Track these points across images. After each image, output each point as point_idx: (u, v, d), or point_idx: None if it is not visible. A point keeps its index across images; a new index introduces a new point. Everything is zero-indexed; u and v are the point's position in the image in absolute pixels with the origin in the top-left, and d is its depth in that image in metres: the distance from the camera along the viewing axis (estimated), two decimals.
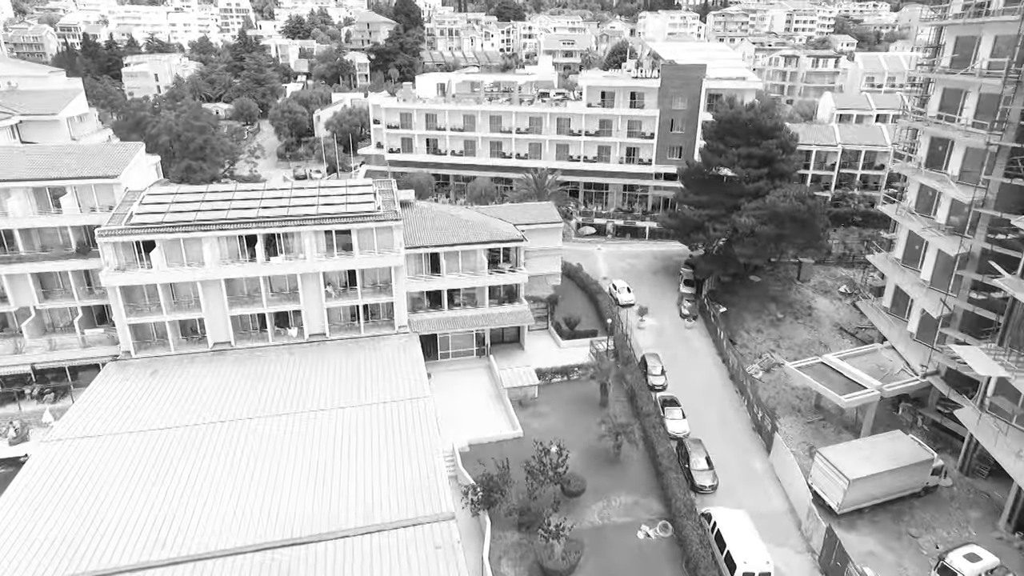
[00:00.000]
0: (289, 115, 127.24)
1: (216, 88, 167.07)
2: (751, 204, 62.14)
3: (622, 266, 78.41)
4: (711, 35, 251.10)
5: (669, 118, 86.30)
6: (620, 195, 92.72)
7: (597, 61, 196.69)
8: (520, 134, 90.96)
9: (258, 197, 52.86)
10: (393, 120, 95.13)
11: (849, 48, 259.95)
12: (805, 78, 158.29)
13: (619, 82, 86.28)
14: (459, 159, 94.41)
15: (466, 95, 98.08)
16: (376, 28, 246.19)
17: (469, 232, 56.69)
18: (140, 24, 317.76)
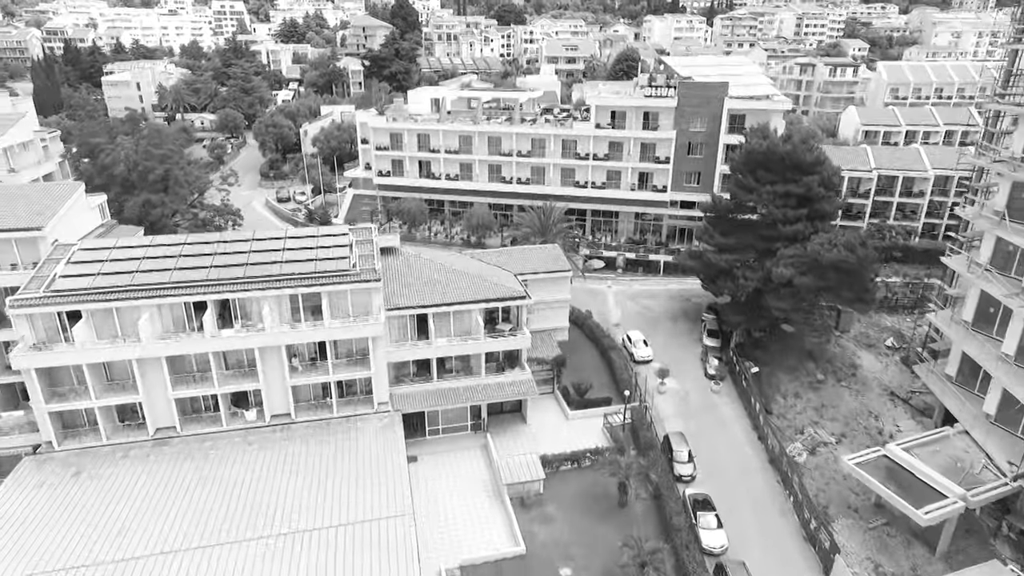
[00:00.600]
0: (274, 130, 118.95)
1: (201, 97, 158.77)
2: (788, 250, 53.78)
3: (635, 309, 70.02)
4: (718, 40, 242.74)
5: (686, 141, 77.96)
6: (631, 224, 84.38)
7: (601, 68, 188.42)
8: (521, 157, 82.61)
9: (211, 252, 44.45)
10: (382, 141, 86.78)
11: (861, 53, 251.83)
12: (822, 87, 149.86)
13: (631, 101, 77.94)
14: (454, 183, 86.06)
15: (462, 112, 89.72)
16: (372, 32, 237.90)
17: (463, 288, 48.35)
18: (130, 27, 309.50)
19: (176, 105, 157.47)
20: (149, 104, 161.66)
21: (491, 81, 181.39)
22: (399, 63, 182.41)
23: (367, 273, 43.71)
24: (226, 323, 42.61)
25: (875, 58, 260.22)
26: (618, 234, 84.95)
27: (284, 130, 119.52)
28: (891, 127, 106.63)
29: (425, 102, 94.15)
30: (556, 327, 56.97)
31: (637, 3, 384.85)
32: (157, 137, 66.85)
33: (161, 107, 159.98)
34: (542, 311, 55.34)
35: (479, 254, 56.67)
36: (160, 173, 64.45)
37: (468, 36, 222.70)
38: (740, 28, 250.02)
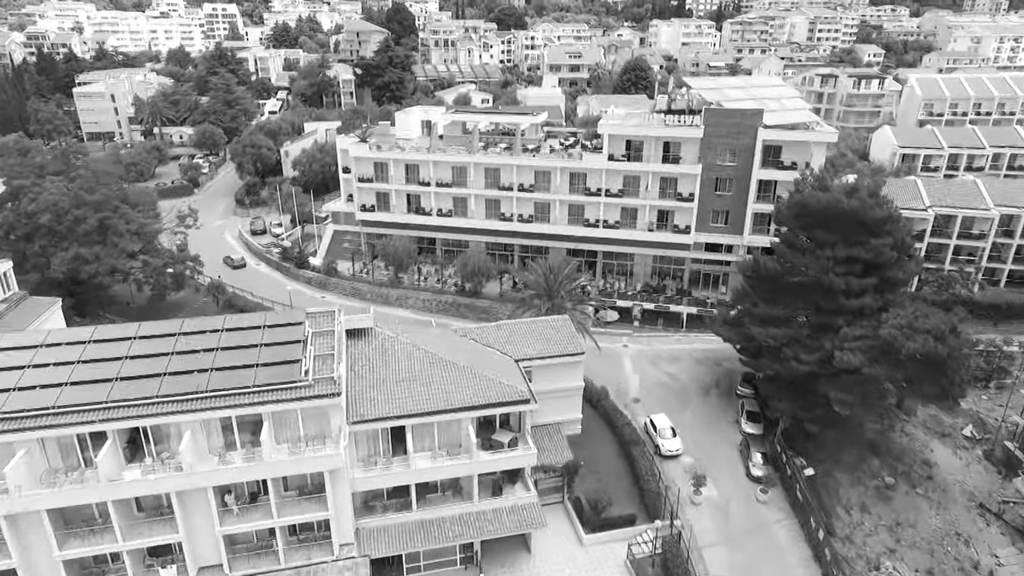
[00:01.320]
0: (252, 150, 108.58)
1: (180, 110, 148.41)
2: (854, 330, 43.51)
3: (657, 377, 59.70)
4: (728, 45, 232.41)
5: (714, 176, 67.68)
6: (648, 268, 74.11)
7: (607, 77, 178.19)
8: (523, 192, 72.32)
9: (120, 356, 34.12)
10: (365, 171, 76.47)
11: (877, 59, 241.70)
12: (845, 101, 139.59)
13: (649, 130, 67.57)
14: (447, 220, 75.77)
15: (456, 138, 79.41)
16: (367, 38, 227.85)
17: (450, 386, 38.09)
18: (118, 31, 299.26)
19: (153, 118, 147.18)
20: (125, 117, 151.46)
21: (490, 91, 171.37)
22: (393, 72, 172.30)
23: (324, 384, 33.44)
24: (137, 453, 32.35)
25: (891, 64, 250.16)
26: (633, 278, 74.68)
27: (263, 150, 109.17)
28: (932, 150, 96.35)
29: (415, 125, 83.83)
30: (566, 419, 46.69)
31: (641, 5, 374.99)
32: (92, 180, 56.51)
33: (138, 120, 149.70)
34: (552, 399, 45.05)
35: (474, 332, 46.27)
36: (94, 223, 54.18)
37: (466, 42, 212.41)
38: (750, 33, 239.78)
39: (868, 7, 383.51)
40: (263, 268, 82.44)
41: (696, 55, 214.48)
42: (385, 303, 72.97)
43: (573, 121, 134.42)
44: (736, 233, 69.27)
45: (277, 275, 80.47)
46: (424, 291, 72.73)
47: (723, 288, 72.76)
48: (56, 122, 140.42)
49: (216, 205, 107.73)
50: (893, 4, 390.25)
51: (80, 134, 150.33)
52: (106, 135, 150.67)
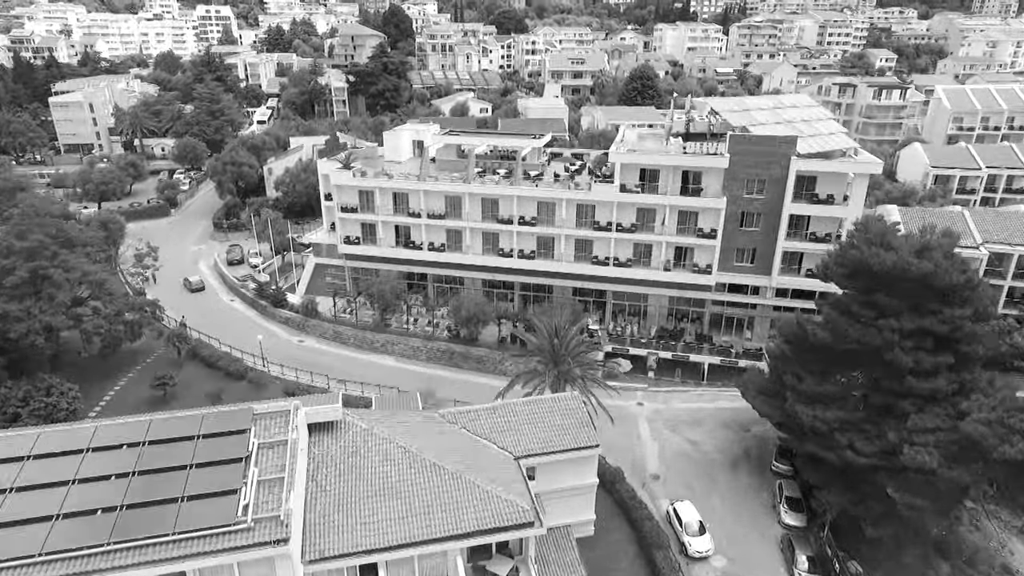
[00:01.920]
0: (232, 168, 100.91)
1: (162, 121, 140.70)
2: (926, 418, 35.92)
3: (678, 446, 52.06)
4: (735, 50, 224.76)
5: (739, 209, 60.06)
6: (664, 310, 66.45)
7: (611, 85, 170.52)
8: (524, 225, 64.65)
9: (5, 488, 26.43)
10: (349, 200, 68.84)
11: (889, 64, 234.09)
12: (865, 111, 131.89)
13: (668, 158, 59.82)
14: (439, 255, 68.13)
15: (450, 162, 71.85)
16: (361, 42, 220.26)
17: (434, 502, 30.47)
18: (108, 34, 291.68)
19: (133, 130, 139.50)
20: (105, 128, 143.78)
21: (489, 99, 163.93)
22: (387, 79, 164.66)
23: (268, 527, 25.78)
24: None
25: (903, 69, 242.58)
26: (647, 320, 67.03)
27: (244, 168, 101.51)
28: (968, 170, 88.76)
29: (405, 146, 76.27)
30: (577, 521, 38.98)
31: (644, 7, 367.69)
32: (25, 222, 48.91)
33: (118, 131, 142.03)
34: (559, 499, 37.41)
35: (467, 415, 38.47)
36: (25, 274, 46.62)
37: (464, 47, 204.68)
38: (758, 37, 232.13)
39: (875, 9, 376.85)
40: (238, 305, 74.75)
41: (703, 60, 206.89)
42: (370, 349, 65.40)
43: (577, 134, 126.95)
44: (763, 273, 61.68)
45: (252, 313, 72.81)
46: (413, 336, 65.05)
47: (748, 333, 65.20)
48: (30, 134, 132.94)
49: (193, 227, 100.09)
50: (900, 6, 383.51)
51: (57, 146, 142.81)
52: (84, 147, 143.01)
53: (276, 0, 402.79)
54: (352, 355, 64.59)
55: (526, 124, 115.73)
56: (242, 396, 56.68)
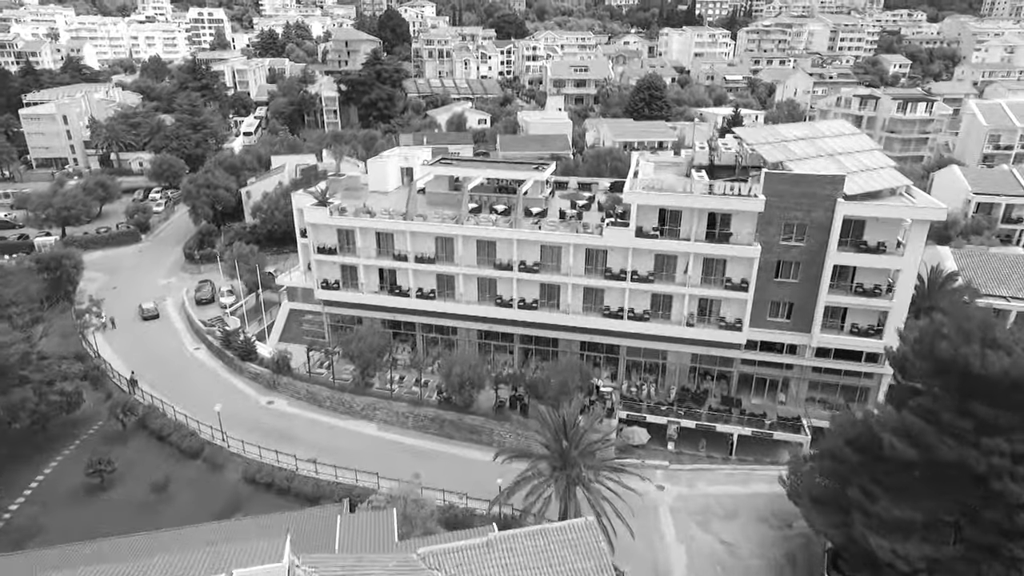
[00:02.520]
0: (208, 191, 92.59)
1: (140, 134, 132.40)
2: None
3: (710, 549, 43.75)
4: (744, 56, 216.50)
5: (774, 258, 51.78)
6: (685, 367, 58.17)
7: (616, 94, 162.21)
8: (526, 272, 56.40)
9: None
10: (327, 240, 60.58)
11: (903, 70, 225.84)
12: (888, 126, 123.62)
13: (692, 199, 51.47)
14: (429, 304, 59.86)
15: (441, 195, 63.64)
16: (356, 47, 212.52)
17: None
18: (96, 38, 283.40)
19: (109, 143, 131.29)
20: (80, 141, 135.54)
21: (488, 109, 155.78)
22: (381, 88, 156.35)
23: None
24: None
25: (917, 75, 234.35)
26: (665, 379, 58.75)
27: (220, 191, 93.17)
28: (1014, 197, 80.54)
29: (391, 176, 68.08)
30: None
31: (647, 10, 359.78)
32: None
33: (93, 145, 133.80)
34: None
35: (455, 557, 30.16)
36: None
37: (462, 53, 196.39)
38: (767, 42, 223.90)
39: (882, 11, 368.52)
40: (203, 355, 66.45)
41: (711, 67, 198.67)
42: (348, 413, 57.15)
43: (582, 150, 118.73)
44: (802, 330, 53.40)
45: (218, 365, 64.50)
46: (398, 400, 56.70)
47: (782, 396, 56.91)
48: None
49: (165, 256, 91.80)
50: (908, 8, 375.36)
51: (29, 160, 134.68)
52: (58, 161, 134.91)
53: (272, 2, 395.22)
54: (328, 421, 56.32)
55: (527, 141, 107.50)
56: (193, 480, 48.50)
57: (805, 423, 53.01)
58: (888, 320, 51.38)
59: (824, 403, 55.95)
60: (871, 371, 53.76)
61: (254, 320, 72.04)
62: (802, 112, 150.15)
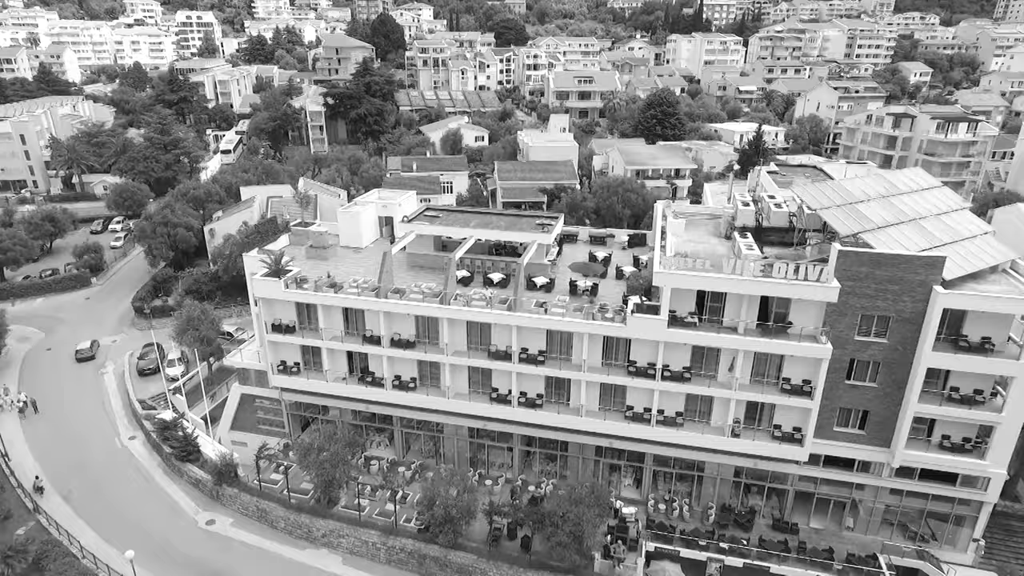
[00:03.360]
0: (166, 229, 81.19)
1: (104, 156, 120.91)
2: None
3: None
4: (757, 64, 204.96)
5: (847, 356, 40.41)
6: (728, 482, 46.70)
7: (624, 108, 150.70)
8: (528, 364, 45.02)
9: None
10: (284, 316, 49.23)
11: (923, 79, 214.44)
12: (925, 148, 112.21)
13: (742, 284, 39.94)
14: (408, 396, 48.46)
15: (425, 256, 52.27)
16: (347, 55, 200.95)
17: None
18: (78, 42, 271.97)
19: (71, 165, 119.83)
20: (40, 162, 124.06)
21: (485, 124, 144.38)
22: (371, 102, 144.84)
23: None
24: None
25: (937, 84, 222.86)
26: (702, 494, 47.32)
27: (180, 230, 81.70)
28: None
29: (366, 228, 56.71)
30: None
31: (651, 13, 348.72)
32: None
33: (54, 167, 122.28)
34: None
35: None
36: None
37: (459, 62, 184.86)
38: (781, 49, 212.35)
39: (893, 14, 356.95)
40: (137, 447, 55.04)
41: (723, 76, 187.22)
42: (307, 539, 45.75)
43: (590, 175, 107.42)
44: (880, 444, 42.08)
45: (154, 463, 53.09)
46: (369, 525, 45.24)
47: (849, 520, 45.48)
48: None
49: (115, 305, 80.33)
50: (919, 11, 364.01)
51: None
52: (16, 184, 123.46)
53: (264, 5, 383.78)
54: (280, 552, 44.88)
55: (528, 169, 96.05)
56: None
57: (883, 561, 41.65)
58: (994, 436, 40.03)
59: (906, 531, 44.65)
60: (968, 497, 42.38)
61: (208, 395, 60.52)
62: (825, 128, 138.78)
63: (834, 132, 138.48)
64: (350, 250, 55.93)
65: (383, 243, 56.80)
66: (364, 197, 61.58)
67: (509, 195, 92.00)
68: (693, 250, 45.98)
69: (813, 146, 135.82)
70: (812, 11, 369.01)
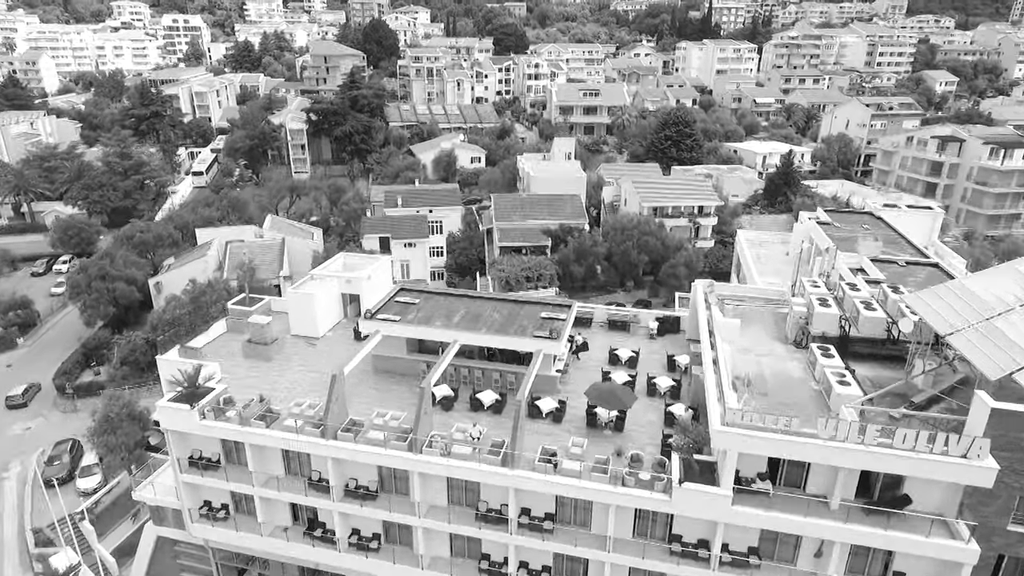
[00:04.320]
0: (103, 284, 68.77)
1: (55, 183, 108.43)
2: None
3: None
4: (772, 73, 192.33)
5: (994, 552, 27.82)
6: None
7: (634, 125, 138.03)
8: (532, 532, 32.50)
9: None
10: (204, 447, 36.76)
11: (949, 88, 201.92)
12: (976, 175, 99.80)
13: (843, 454, 27.41)
14: (368, 562, 35.91)
15: (396, 360, 39.78)
16: (336, 63, 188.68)
17: None
18: (58, 47, 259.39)
19: (19, 192, 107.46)
20: None
21: (482, 143, 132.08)
22: (357, 119, 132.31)
23: None
24: None
25: (964, 94, 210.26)
26: None
27: (120, 284, 69.26)
28: None
29: (324, 311, 44.27)
30: None
31: (656, 16, 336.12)
32: None
33: (1, 194, 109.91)
34: None
35: None
36: None
37: (455, 72, 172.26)
38: (798, 57, 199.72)
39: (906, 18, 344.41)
40: None
41: (737, 87, 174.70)
42: None
43: (599, 212, 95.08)
44: None
45: None
46: None
47: None
48: None
49: (41, 375, 67.77)
50: (932, 14, 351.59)
51: None
52: None
53: (256, 8, 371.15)
54: None
55: (530, 205, 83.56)
56: None
57: None
58: None
59: None
60: None
61: (130, 515, 47.99)
62: (856, 149, 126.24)
63: (866, 152, 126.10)
64: (302, 341, 43.53)
65: (345, 329, 44.47)
66: (326, 267, 49.01)
67: (508, 237, 79.61)
68: (757, 371, 33.59)
69: (842, 168, 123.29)
70: (822, 14, 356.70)
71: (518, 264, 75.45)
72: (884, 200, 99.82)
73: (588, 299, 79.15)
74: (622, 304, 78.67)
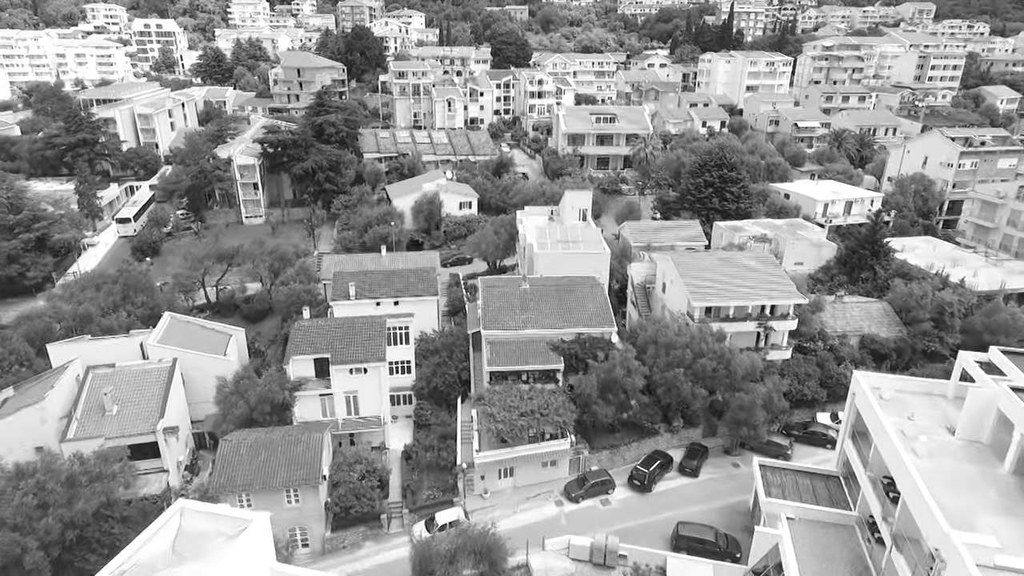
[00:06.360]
0: None
1: None
2: None
3: None
4: (812, 91, 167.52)
5: None
6: None
7: (657, 158, 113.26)
8: None
9: None
10: None
11: (1011, 106, 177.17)
12: None
13: None
14: None
15: None
16: (311, 77, 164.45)
17: None
18: (12, 55, 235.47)
19: None
20: None
21: (475, 181, 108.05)
22: (321, 152, 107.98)
23: None
24: None
25: None
26: None
27: None
28: None
29: None
30: None
31: (668, 22, 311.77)
32: None
33: None
34: None
35: None
36: None
37: (445, 91, 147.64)
38: (838, 71, 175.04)
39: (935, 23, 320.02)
40: None
41: (774, 107, 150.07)
42: None
43: (624, 289, 70.89)
44: None
45: None
46: None
47: None
48: None
49: None
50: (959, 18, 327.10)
51: None
52: None
53: (241, 12, 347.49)
54: None
55: (537, 301, 58.93)
56: None
57: None
58: None
59: None
60: None
61: None
62: (940, 195, 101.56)
63: (951, 197, 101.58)
64: None
65: None
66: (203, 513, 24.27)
67: (501, 357, 55.21)
68: None
69: (922, 219, 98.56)
70: (843, 18, 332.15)
71: (516, 404, 51.15)
72: (992, 267, 75.41)
73: (617, 449, 54.73)
74: (668, 458, 54.74)
